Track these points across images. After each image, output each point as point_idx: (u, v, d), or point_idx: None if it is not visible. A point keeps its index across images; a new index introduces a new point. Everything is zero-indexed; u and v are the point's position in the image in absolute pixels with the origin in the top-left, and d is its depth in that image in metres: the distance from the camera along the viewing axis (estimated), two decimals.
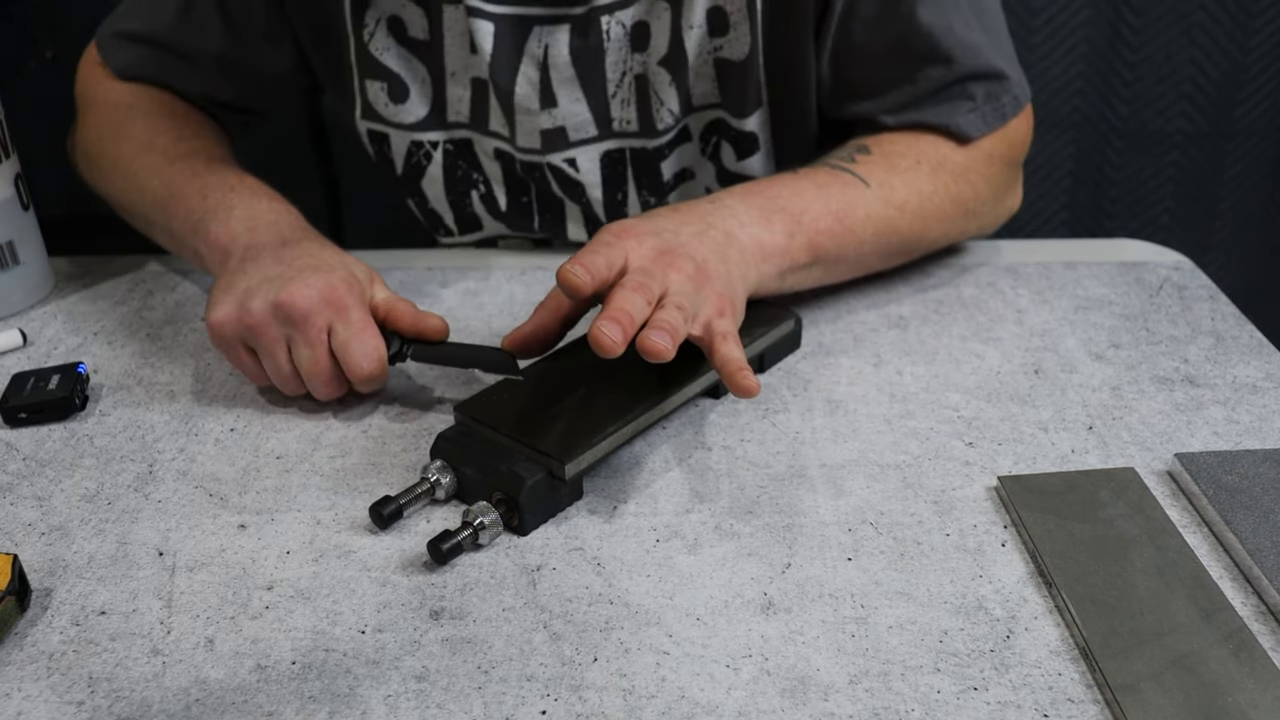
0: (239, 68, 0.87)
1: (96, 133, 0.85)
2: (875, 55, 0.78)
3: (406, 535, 0.59)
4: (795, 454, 0.65)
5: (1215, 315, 0.78)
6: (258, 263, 0.68)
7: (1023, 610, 0.54)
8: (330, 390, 0.67)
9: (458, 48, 0.81)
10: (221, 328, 0.67)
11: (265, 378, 0.68)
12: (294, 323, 0.65)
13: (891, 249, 0.78)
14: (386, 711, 0.49)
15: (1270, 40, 1.32)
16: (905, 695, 0.49)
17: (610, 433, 0.61)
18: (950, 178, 0.78)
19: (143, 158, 0.81)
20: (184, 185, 0.77)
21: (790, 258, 0.71)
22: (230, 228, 0.72)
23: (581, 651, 0.52)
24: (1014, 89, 0.80)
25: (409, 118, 0.85)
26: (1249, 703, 0.48)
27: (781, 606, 0.54)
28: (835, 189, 0.74)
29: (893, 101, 0.79)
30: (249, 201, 0.74)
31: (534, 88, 0.80)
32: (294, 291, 0.65)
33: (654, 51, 0.79)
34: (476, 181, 0.88)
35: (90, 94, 0.88)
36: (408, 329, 0.68)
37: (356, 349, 0.65)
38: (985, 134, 0.79)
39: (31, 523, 0.60)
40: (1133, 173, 1.40)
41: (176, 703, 0.49)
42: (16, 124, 0.81)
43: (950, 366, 0.73)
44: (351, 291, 0.67)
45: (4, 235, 0.79)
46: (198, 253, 0.75)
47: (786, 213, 0.71)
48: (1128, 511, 0.58)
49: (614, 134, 0.83)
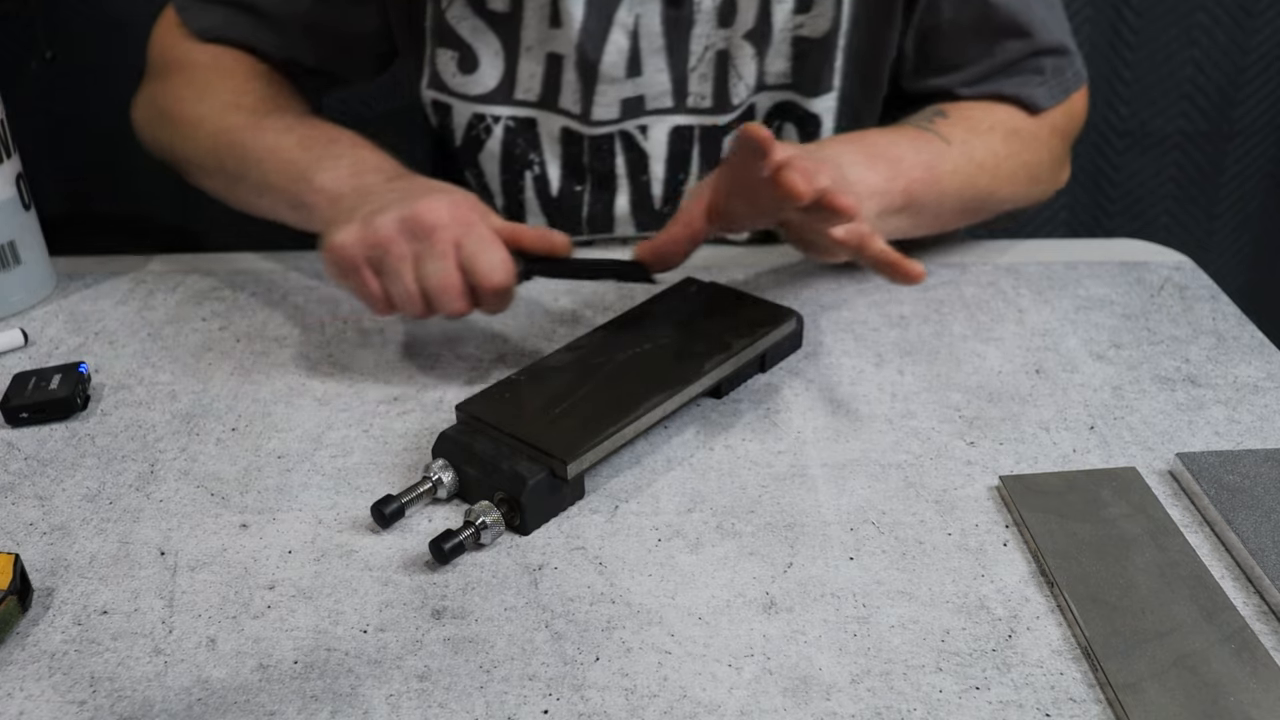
0: (323, 29, 0.87)
1: (177, 93, 0.85)
2: (960, 31, 0.82)
3: (408, 534, 0.59)
4: (797, 453, 0.65)
5: (1216, 315, 0.78)
6: (375, 192, 0.69)
7: (1024, 610, 0.54)
8: (459, 305, 0.66)
9: (537, 20, 0.82)
10: (346, 248, 0.66)
11: (388, 305, 0.67)
12: (422, 236, 0.65)
13: (968, 204, 0.81)
14: (388, 711, 0.49)
15: (1270, 40, 1.32)
16: (907, 694, 0.49)
17: (612, 432, 0.61)
18: (1021, 144, 0.82)
19: (230, 116, 0.81)
20: (279, 139, 0.77)
21: (889, 200, 0.74)
22: (338, 174, 0.73)
23: (583, 651, 0.52)
24: (1075, 64, 0.85)
25: (476, 89, 0.85)
26: (1250, 702, 0.48)
27: (783, 606, 0.54)
28: (924, 142, 0.78)
29: (972, 74, 0.83)
30: (353, 151, 0.75)
31: (623, 56, 0.82)
32: (421, 206, 0.65)
33: (739, 25, 0.82)
34: (532, 162, 0.88)
35: (168, 56, 0.88)
36: (533, 246, 0.68)
37: (485, 260, 0.65)
38: (1053, 105, 0.84)
39: (33, 522, 0.60)
40: (1133, 173, 1.40)
41: (178, 702, 0.49)
42: (17, 124, 0.81)
43: (951, 366, 0.73)
44: (476, 209, 0.67)
45: (5, 235, 0.79)
46: (301, 202, 0.74)
47: (885, 158, 0.74)
48: (1129, 511, 0.59)
49: (687, 109, 0.85)
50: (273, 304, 0.81)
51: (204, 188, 0.85)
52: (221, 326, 0.79)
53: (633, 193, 0.89)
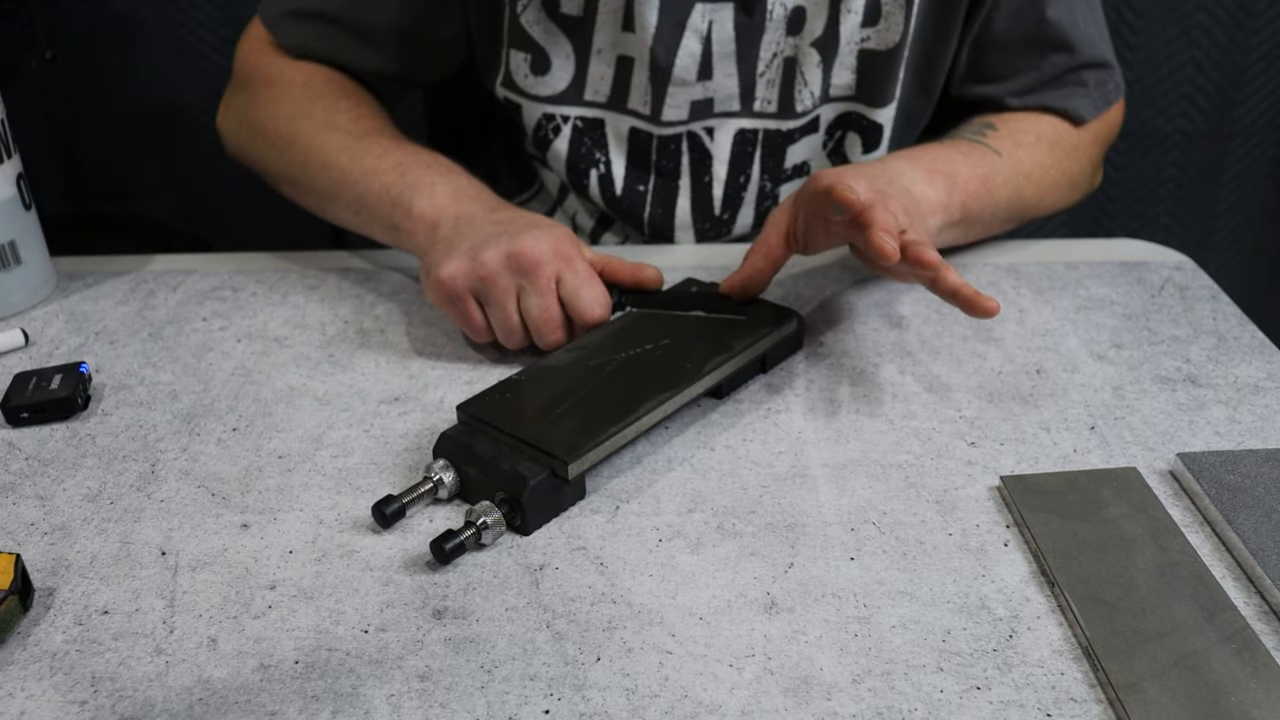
0: (412, 39, 0.88)
1: (272, 109, 0.86)
2: (1011, 43, 0.86)
3: (409, 535, 0.59)
4: (797, 453, 0.65)
5: (1217, 315, 0.78)
6: (474, 225, 0.72)
7: (1025, 610, 0.54)
8: (558, 336, 0.70)
9: (609, 24, 0.83)
10: (454, 280, 0.70)
11: (488, 333, 0.72)
12: (526, 271, 0.69)
13: (1017, 213, 0.85)
14: (389, 711, 0.49)
15: (1270, 40, 1.32)
16: (908, 694, 0.49)
17: (613, 433, 0.61)
18: (1063, 154, 0.86)
19: (326, 135, 0.82)
20: (377, 162, 0.79)
21: (948, 214, 0.77)
22: (435, 201, 0.75)
23: (584, 651, 0.52)
24: (1116, 78, 0.89)
25: (546, 90, 0.87)
26: (1251, 702, 0.48)
27: (784, 606, 0.54)
28: (976, 156, 0.81)
29: (1019, 85, 0.87)
30: (449, 177, 0.77)
31: (694, 61, 0.83)
32: (524, 243, 0.69)
33: (808, 34, 0.83)
34: (598, 161, 0.90)
35: (259, 72, 0.89)
36: (627, 279, 0.73)
37: (586, 295, 0.69)
38: (1095, 117, 0.88)
39: (34, 522, 0.60)
40: (1133, 173, 1.40)
41: (179, 702, 0.49)
42: (17, 124, 0.81)
43: (952, 366, 0.73)
44: (574, 244, 0.71)
45: (6, 235, 0.79)
46: (396, 226, 0.77)
47: (944, 174, 0.78)
48: (1130, 511, 0.59)
49: (753, 113, 0.87)
50: (273, 304, 0.81)
51: (292, 199, 0.87)
52: (222, 326, 0.79)
53: (694, 194, 0.90)
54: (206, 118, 1.42)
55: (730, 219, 0.91)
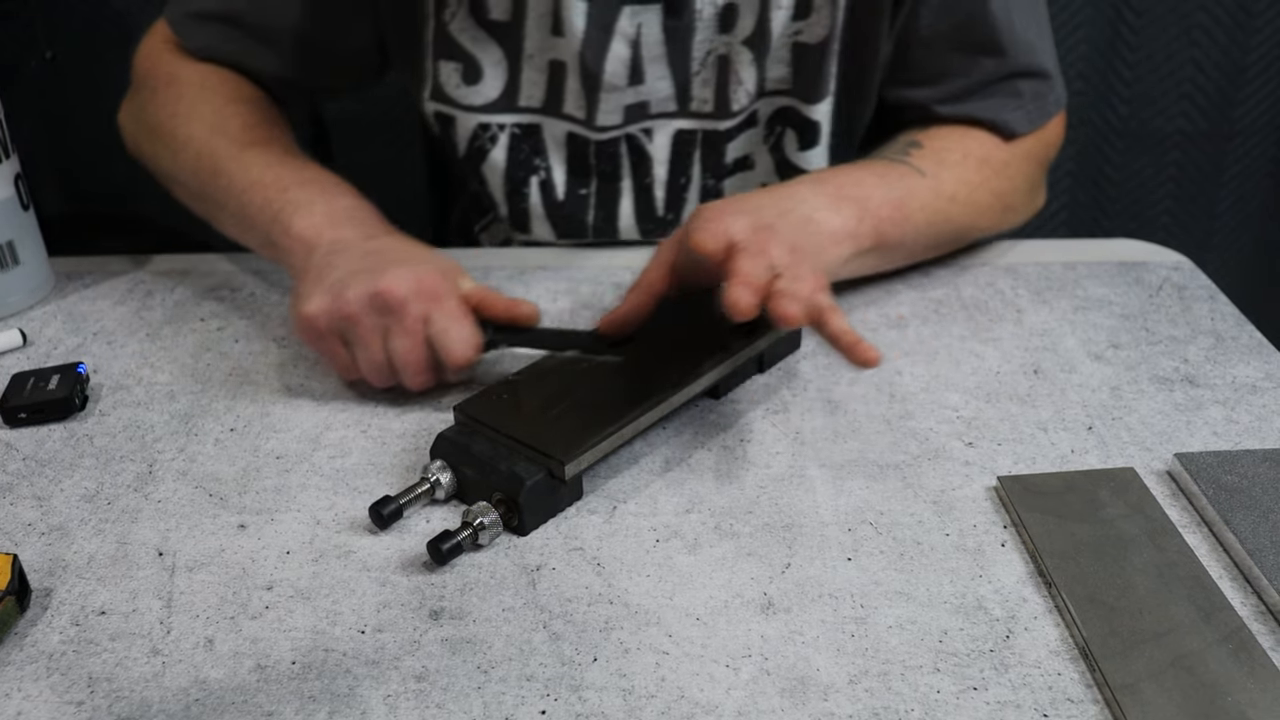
0: (317, 45, 0.87)
1: (167, 110, 0.85)
2: (937, 41, 0.82)
3: (406, 535, 0.59)
4: (795, 454, 0.65)
5: (1215, 315, 0.78)
6: (346, 255, 0.69)
7: (1022, 610, 0.54)
8: (424, 379, 0.67)
9: (539, 30, 0.82)
10: (316, 319, 0.67)
11: (356, 370, 0.68)
12: (391, 311, 0.65)
13: (940, 238, 0.81)
14: (386, 711, 0.49)
15: (1270, 40, 1.32)
16: (905, 695, 0.49)
17: (610, 433, 0.61)
18: (993, 172, 0.82)
19: (215, 141, 0.81)
20: (261, 174, 0.77)
21: (857, 243, 0.74)
22: (313, 221, 0.73)
23: (581, 651, 0.52)
24: (1056, 90, 0.84)
25: (479, 99, 0.85)
26: (1248, 702, 0.48)
27: (781, 606, 0.54)
28: (894, 178, 0.77)
29: (946, 90, 0.83)
30: (328, 198, 0.75)
31: (624, 65, 0.82)
32: (389, 281, 0.65)
33: (739, 31, 0.82)
34: (538, 168, 0.89)
35: (158, 71, 0.88)
36: (500, 316, 0.69)
37: (453, 336, 0.66)
38: (1029, 132, 0.83)
39: (31, 523, 0.60)
40: (1133, 173, 1.40)
41: (176, 703, 0.49)
42: (16, 124, 0.81)
43: (950, 366, 0.73)
44: (445, 281, 0.67)
45: (4, 235, 0.79)
46: (274, 244, 0.75)
47: (853, 199, 0.74)
48: (1127, 511, 0.59)
49: (690, 113, 0.85)
50: (272, 304, 0.81)
51: (184, 203, 0.85)
52: (220, 327, 0.79)
53: (636, 196, 0.89)
54: None
55: (675, 220, 0.89)
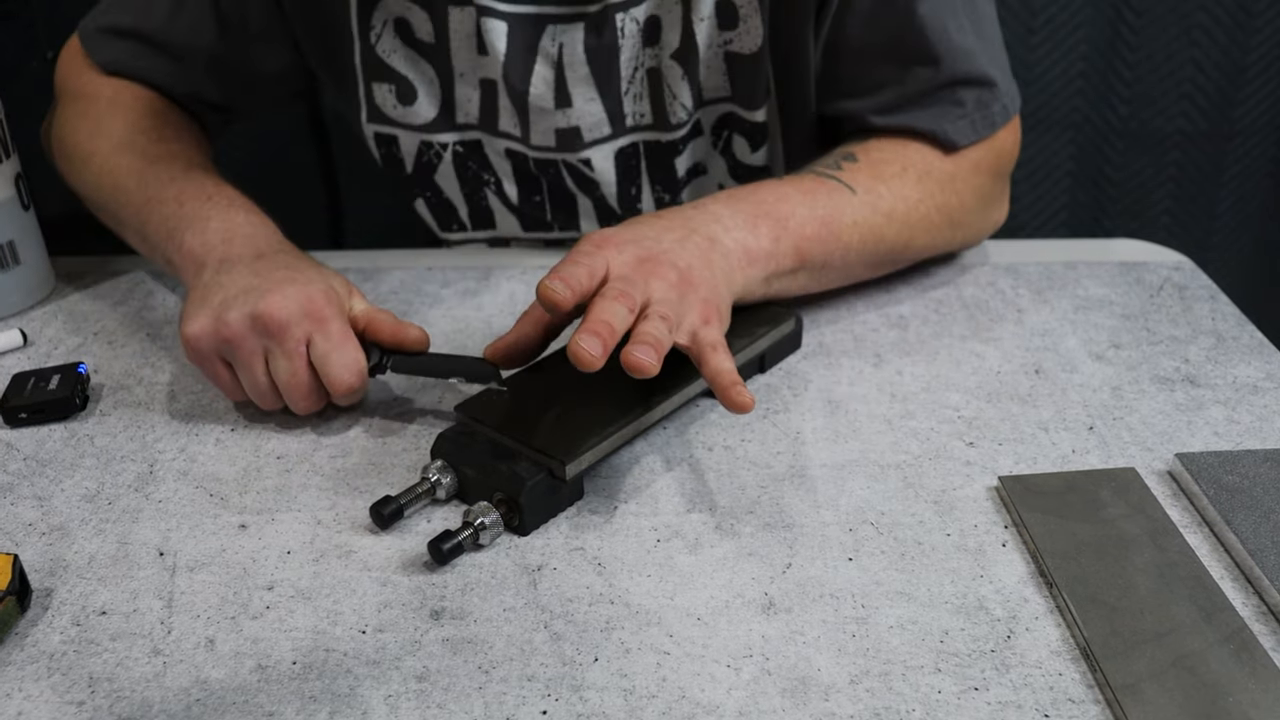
0: (229, 67, 0.86)
1: (73, 125, 0.84)
2: (867, 52, 0.77)
3: (407, 535, 0.59)
4: (796, 454, 0.65)
5: (1216, 315, 0.78)
6: (232, 275, 0.67)
7: (1023, 610, 0.54)
8: (309, 404, 0.66)
9: (465, 49, 0.81)
10: (197, 341, 0.65)
11: (241, 393, 0.67)
12: (272, 334, 0.63)
13: (878, 257, 0.77)
14: (387, 711, 0.49)
15: (1270, 40, 1.32)
16: (906, 695, 0.49)
17: (611, 433, 0.61)
18: (936, 186, 0.77)
19: (119, 156, 0.80)
20: (160, 190, 0.76)
21: (776, 263, 0.71)
22: (205, 238, 0.71)
23: (582, 651, 0.52)
24: (1003, 98, 0.79)
25: (418, 119, 0.85)
26: (1250, 703, 0.48)
27: (782, 606, 0.54)
28: (822, 195, 0.73)
29: (881, 101, 0.78)
30: (225, 212, 0.73)
31: (549, 87, 0.80)
32: (272, 302, 0.63)
33: (666, 45, 0.79)
34: (488, 180, 0.88)
35: (70, 85, 0.87)
36: (388, 340, 0.67)
37: (336, 360, 0.64)
38: (973, 142, 0.78)
39: (32, 523, 0.60)
40: (1133, 173, 1.40)
41: (177, 703, 0.49)
42: (16, 124, 0.81)
43: (950, 366, 0.73)
44: (330, 303, 0.65)
45: (4, 235, 0.79)
46: (170, 260, 0.74)
47: (772, 218, 0.71)
48: (1128, 511, 0.58)
49: (628, 129, 0.83)
50: None
51: (98, 219, 0.84)
52: None
53: (595, 207, 0.88)
54: None
55: None
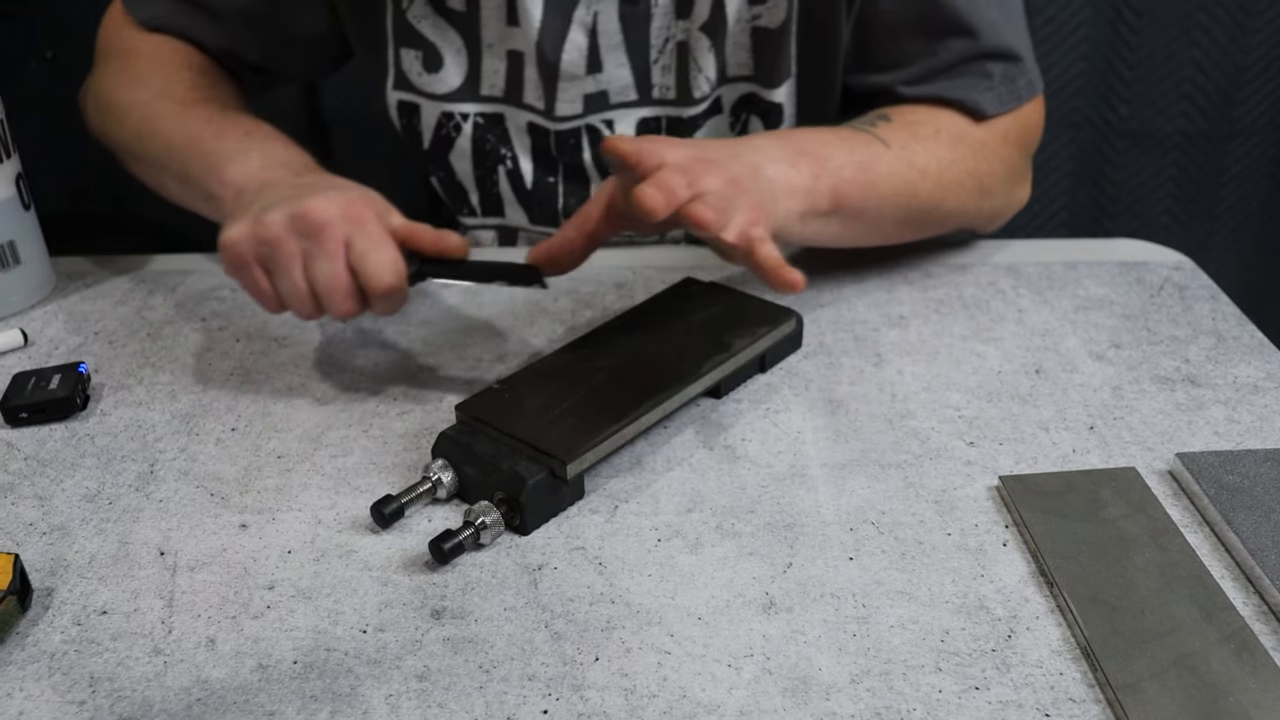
0: (266, 26, 0.87)
1: (114, 80, 0.85)
2: (899, 26, 0.80)
3: (408, 535, 0.59)
4: (796, 453, 0.65)
5: (1216, 315, 0.78)
6: (274, 189, 0.68)
7: (1024, 610, 0.54)
8: (347, 307, 0.64)
9: (495, 19, 0.82)
10: (236, 244, 0.64)
11: (278, 303, 0.66)
12: (311, 235, 0.63)
13: (910, 212, 0.78)
14: (388, 711, 0.49)
15: (1270, 40, 1.32)
16: (907, 695, 0.49)
17: (612, 432, 0.61)
18: (968, 150, 0.79)
19: (158, 104, 0.81)
20: (199, 130, 0.77)
21: (813, 200, 0.71)
22: (247, 167, 0.72)
23: (583, 651, 0.52)
24: (1029, 73, 0.82)
25: (442, 88, 0.85)
26: (1250, 702, 0.48)
27: (783, 606, 0.54)
28: (859, 144, 0.75)
29: (912, 74, 0.80)
30: (264, 144, 0.74)
31: (581, 54, 0.81)
32: (312, 204, 0.63)
33: (696, 18, 0.81)
34: (504, 157, 0.88)
35: (112, 44, 0.89)
36: (428, 248, 0.66)
37: (374, 259, 0.63)
38: (1001, 113, 0.81)
39: (33, 522, 0.60)
40: (1133, 173, 1.40)
41: (178, 702, 0.49)
42: (16, 124, 0.81)
43: (951, 366, 0.73)
44: (370, 206, 0.65)
45: (5, 235, 0.79)
46: (210, 195, 0.74)
47: (813, 156, 0.72)
48: (1129, 511, 0.58)
49: (653, 101, 0.85)
50: None
51: (137, 176, 0.85)
52: (221, 326, 0.79)
53: None
54: None
55: None
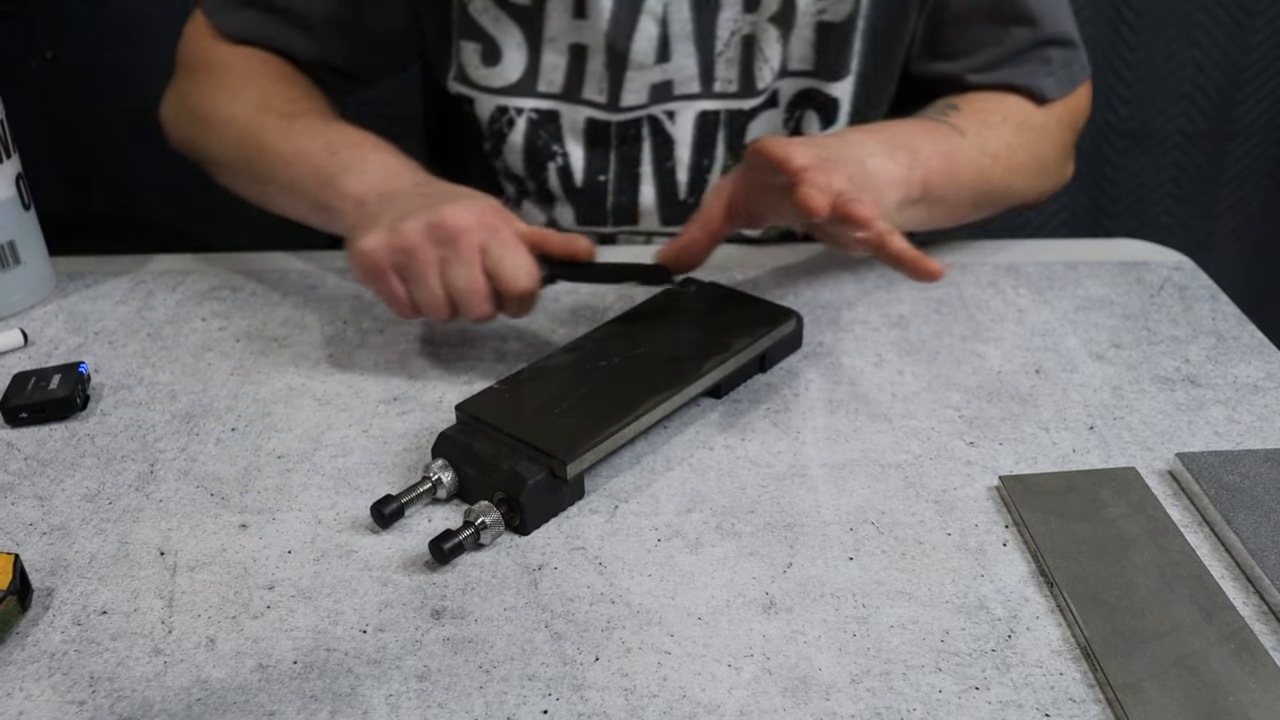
0: (352, 29, 0.88)
1: (208, 94, 0.86)
2: (969, 16, 0.84)
3: (408, 534, 0.59)
4: (796, 453, 0.65)
5: (1216, 315, 0.78)
6: (400, 198, 0.70)
7: (1024, 610, 0.54)
8: (485, 310, 0.67)
9: (561, 13, 0.82)
10: (374, 253, 0.67)
11: (413, 308, 0.68)
12: (449, 242, 0.66)
13: (983, 196, 0.82)
14: (388, 711, 0.49)
15: (1270, 40, 1.32)
16: (907, 695, 0.49)
17: (612, 432, 0.61)
18: (1032, 134, 0.83)
19: (259, 117, 0.82)
20: (309, 143, 0.78)
21: (908, 190, 0.74)
22: (365, 179, 0.74)
23: (583, 651, 0.52)
24: (1082, 58, 0.86)
25: (498, 81, 0.86)
26: (1250, 702, 0.48)
27: (783, 606, 0.54)
28: (940, 134, 0.79)
29: (980, 61, 0.84)
30: (378, 155, 0.76)
31: (652, 44, 0.83)
32: (448, 212, 0.66)
33: (764, 9, 0.83)
34: (555, 154, 0.89)
35: (198, 56, 0.89)
36: (557, 251, 0.69)
37: (510, 264, 0.66)
38: (1059, 97, 0.85)
39: (33, 522, 0.60)
40: (1133, 173, 1.40)
41: (178, 702, 0.49)
42: (17, 124, 0.81)
43: (951, 366, 0.73)
44: (500, 214, 0.68)
45: (5, 235, 0.79)
46: (325, 206, 0.76)
47: (905, 148, 0.75)
48: (1129, 511, 0.59)
49: (714, 94, 0.86)
50: (273, 304, 0.81)
51: (229, 186, 0.87)
52: (221, 326, 0.79)
53: (658, 182, 0.90)
54: None
55: (696, 204, 0.90)
